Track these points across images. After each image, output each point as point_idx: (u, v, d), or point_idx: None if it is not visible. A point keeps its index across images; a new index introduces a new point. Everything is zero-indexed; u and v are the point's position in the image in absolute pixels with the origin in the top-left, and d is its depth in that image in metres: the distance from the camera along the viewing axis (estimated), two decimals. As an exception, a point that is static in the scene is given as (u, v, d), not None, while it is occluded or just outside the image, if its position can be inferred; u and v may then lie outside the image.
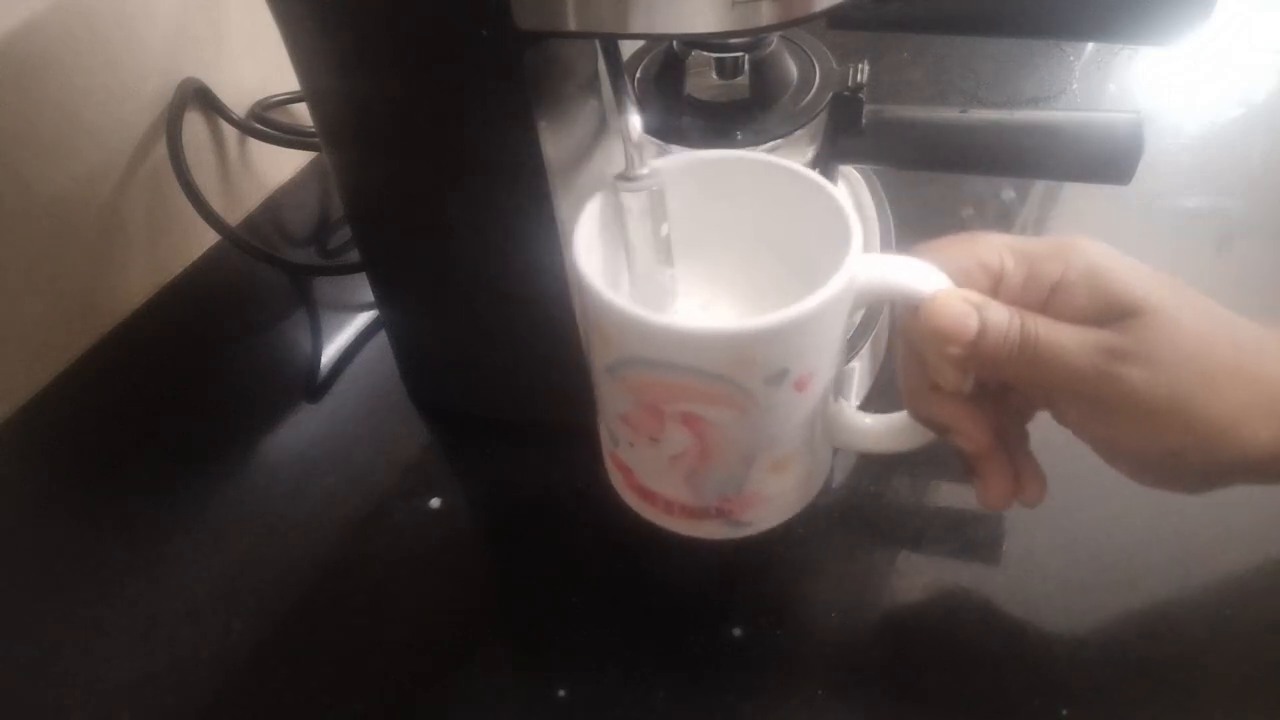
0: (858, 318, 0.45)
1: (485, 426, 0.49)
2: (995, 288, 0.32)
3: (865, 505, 0.45)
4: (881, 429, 0.37)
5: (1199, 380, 0.30)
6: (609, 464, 0.39)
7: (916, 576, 0.42)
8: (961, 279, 0.32)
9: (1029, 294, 0.32)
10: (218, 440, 0.50)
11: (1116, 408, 0.31)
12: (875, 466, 0.46)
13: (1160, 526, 0.43)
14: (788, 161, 0.36)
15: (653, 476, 0.36)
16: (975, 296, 0.32)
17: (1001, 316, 0.31)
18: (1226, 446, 0.30)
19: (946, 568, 0.42)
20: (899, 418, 0.37)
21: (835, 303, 0.31)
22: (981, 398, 0.34)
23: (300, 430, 0.50)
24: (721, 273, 0.38)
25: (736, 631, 0.41)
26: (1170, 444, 0.31)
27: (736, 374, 0.31)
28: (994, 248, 0.33)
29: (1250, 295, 0.36)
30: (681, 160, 0.37)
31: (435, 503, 0.46)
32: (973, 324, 0.31)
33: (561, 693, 0.39)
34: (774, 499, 0.36)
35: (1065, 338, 0.31)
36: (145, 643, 0.42)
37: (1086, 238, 0.32)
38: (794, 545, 0.44)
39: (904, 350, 0.35)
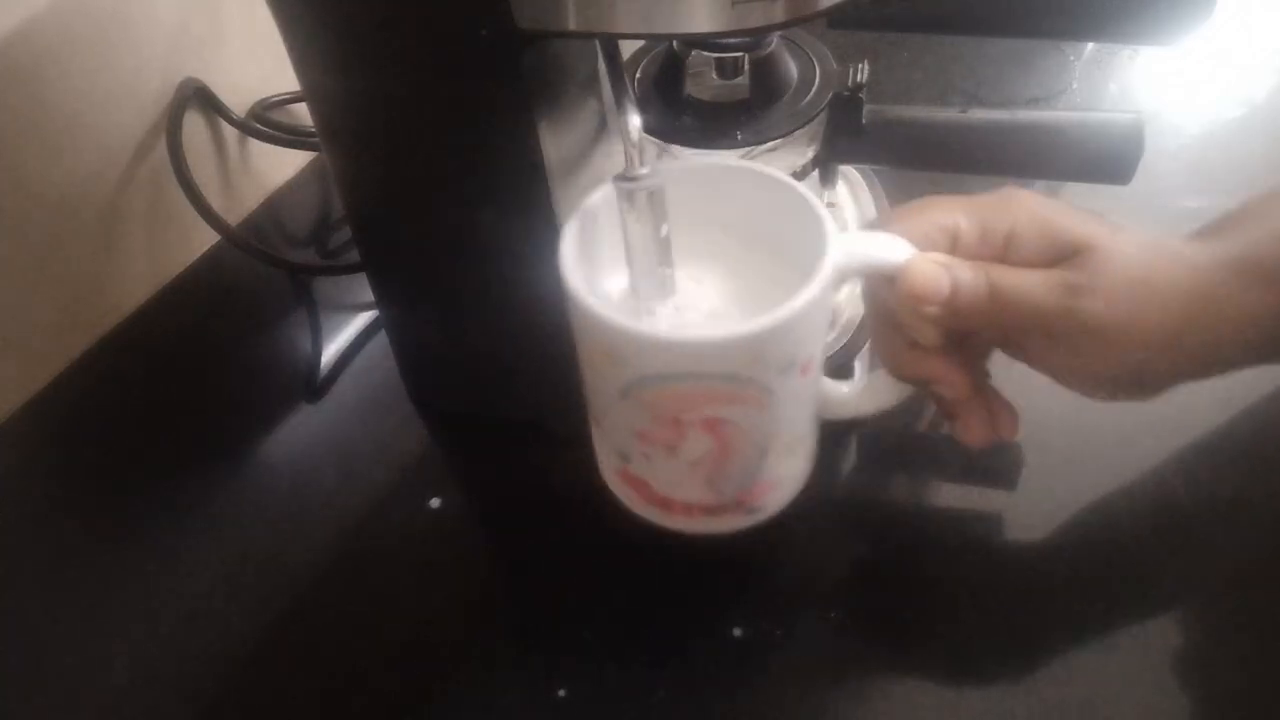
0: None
1: (485, 426, 0.49)
2: (954, 246, 0.35)
3: (865, 505, 0.45)
4: (862, 393, 0.40)
5: (1149, 300, 0.34)
6: (616, 482, 0.39)
7: (916, 575, 0.42)
8: (924, 243, 0.35)
9: (985, 247, 0.35)
10: (218, 440, 0.50)
11: (1080, 336, 0.34)
12: (875, 466, 0.46)
13: (1172, 514, 0.43)
14: (754, 165, 0.37)
15: (671, 485, 0.37)
16: (942, 257, 0.34)
17: (968, 272, 0.34)
18: (1178, 354, 0.34)
19: (946, 566, 0.42)
20: (875, 379, 0.39)
21: (826, 287, 0.33)
22: (951, 347, 0.36)
23: (300, 430, 0.50)
24: (695, 275, 0.39)
25: (736, 631, 0.41)
26: (1131, 360, 0.34)
27: (755, 371, 0.32)
28: (947, 210, 0.35)
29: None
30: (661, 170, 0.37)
31: (435, 503, 0.46)
32: (945, 283, 0.34)
33: (561, 693, 0.39)
34: (785, 480, 0.38)
35: (1028, 282, 0.34)
36: (145, 643, 0.42)
37: (1024, 190, 0.35)
38: (794, 545, 0.44)
39: (878, 318, 0.37)
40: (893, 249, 0.34)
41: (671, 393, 0.33)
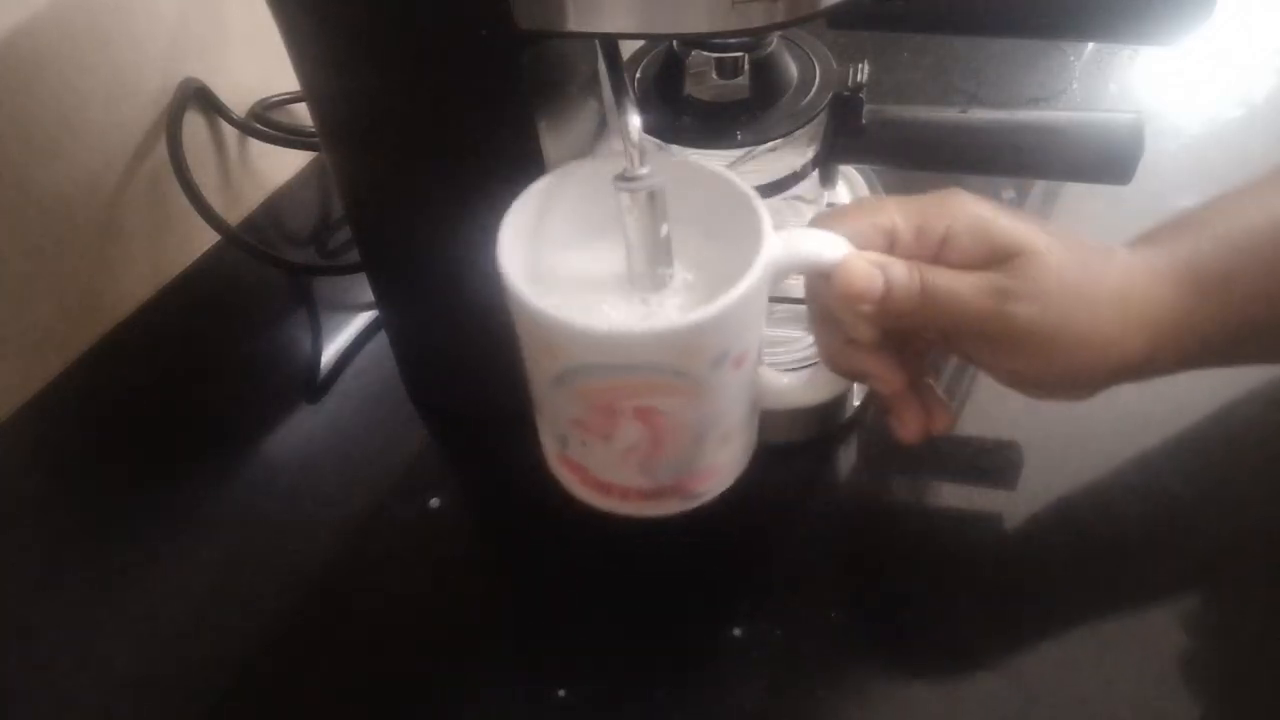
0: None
1: (485, 426, 0.49)
2: (891, 246, 0.35)
3: (864, 505, 0.45)
4: (801, 385, 0.40)
5: (1080, 306, 0.34)
6: (557, 467, 0.39)
7: (916, 575, 0.42)
8: (861, 242, 0.35)
9: (921, 248, 0.35)
10: (218, 440, 0.50)
11: (1012, 341, 0.34)
12: (875, 467, 0.46)
13: (1171, 514, 0.43)
14: (698, 161, 0.37)
15: (607, 470, 0.37)
16: (877, 257, 0.34)
17: (902, 272, 0.34)
18: (1110, 359, 0.35)
19: (946, 567, 0.42)
20: (815, 372, 0.40)
21: (760, 283, 0.33)
22: (889, 344, 0.37)
23: (300, 430, 0.50)
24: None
25: (736, 631, 0.41)
26: (1062, 364, 0.34)
27: (687, 364, 0.32)
28: (885, 210, 0.35)
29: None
30: (593, 164, 0.37)
31: (435, 503, 0.46)
32: (879, 282, 0.34)
33: (561, 693, 0.39)
34: (722, 468, 0.38)
35: (960, 284, 0.34)
36: (145, 643, 0.42)
37: (963, 191, 0.35)
38: (794, 545, 0.44)
39: (817, 313, 0.38)
40: (829, 247, 0.34)
41: (603, 384, 0.33)
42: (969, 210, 0.35)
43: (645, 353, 0.32)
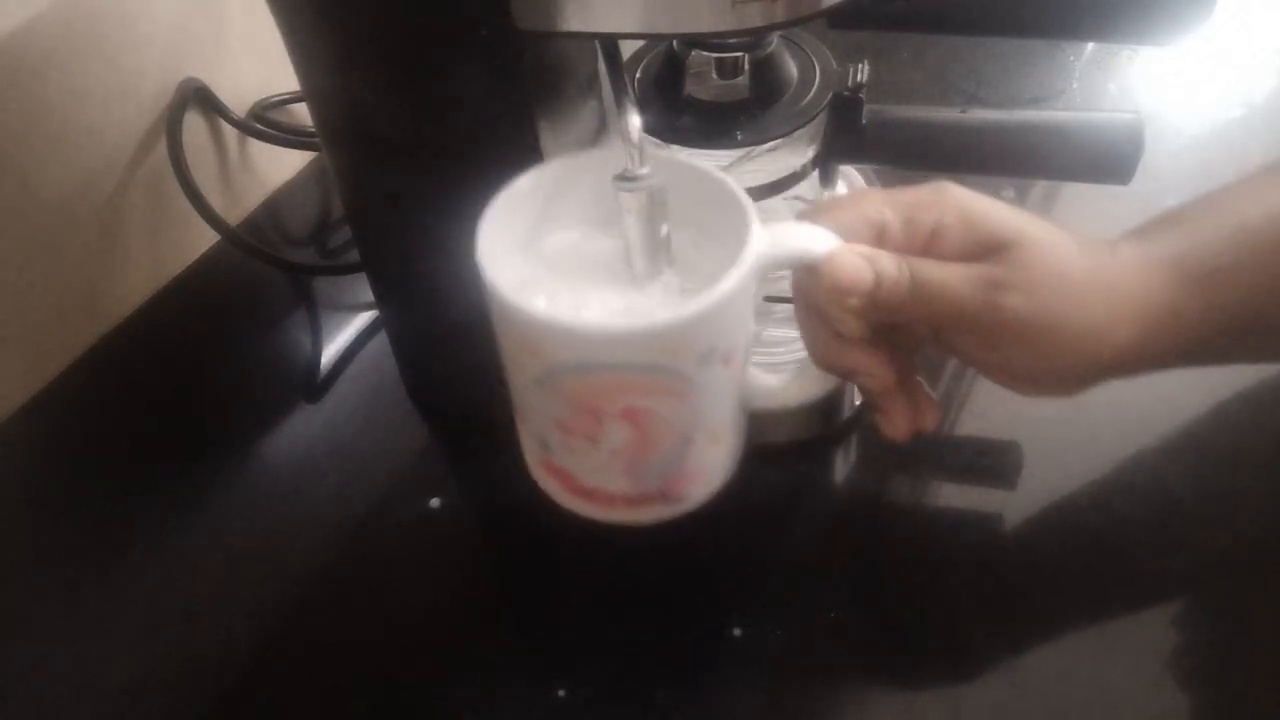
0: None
1: (485, 426, 0.49)
2: (879, 239, 0.35)
3: (865, 505, 0.45)
4: (788, 384, 0.40)
5: (1070, 298, 0.34)
6: (540, 473, 0.39)
7: (915, 575, 0.42)
8: (849, 235, 0.34)
9: (910, 240, 0.35)
10: (218, 440, 0.50)
11: (1003, 333, 0.34)
12: (875, 466, 0.46)
13: (1171, 513, 0.43)
14: (681, 157, 0.37)
15: (592, 475, 0.37)
16: (865, 250, 0.34)
17: (891, 265, 0.34)
18: (1100, 352, 0.34)
19: (946, 567, 0.42)
20: (801, 370, 0.39)
21: (747, 279, 0.32)
22: (877, 340, 0.36)
23: (300, 430, 0.50)
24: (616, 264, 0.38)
25: (736, 631, 0.41)
26: (1052, 357, 0.34)
27: (674, 361, 0.32)
28: (874, 203, 0.35)
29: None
30: (576, 160, 0.37)
31: (435, 503, 0.46)
32: (868, 275, 0.33)
33: (561, 693, 0.39)
34: (709, 471, 0.37)
35: (949, 275, 0.34)
36: (145, 643, 0.42)
37: (953, 184, 0.35)
38: (794, 545, 0.44)
39: (804, 308, 0.37)
40: (817, 240, 0.34)
41: (588, 383, 0.33)
42: (959, 202, 0.35)
43: (631, 350, 0.32)
